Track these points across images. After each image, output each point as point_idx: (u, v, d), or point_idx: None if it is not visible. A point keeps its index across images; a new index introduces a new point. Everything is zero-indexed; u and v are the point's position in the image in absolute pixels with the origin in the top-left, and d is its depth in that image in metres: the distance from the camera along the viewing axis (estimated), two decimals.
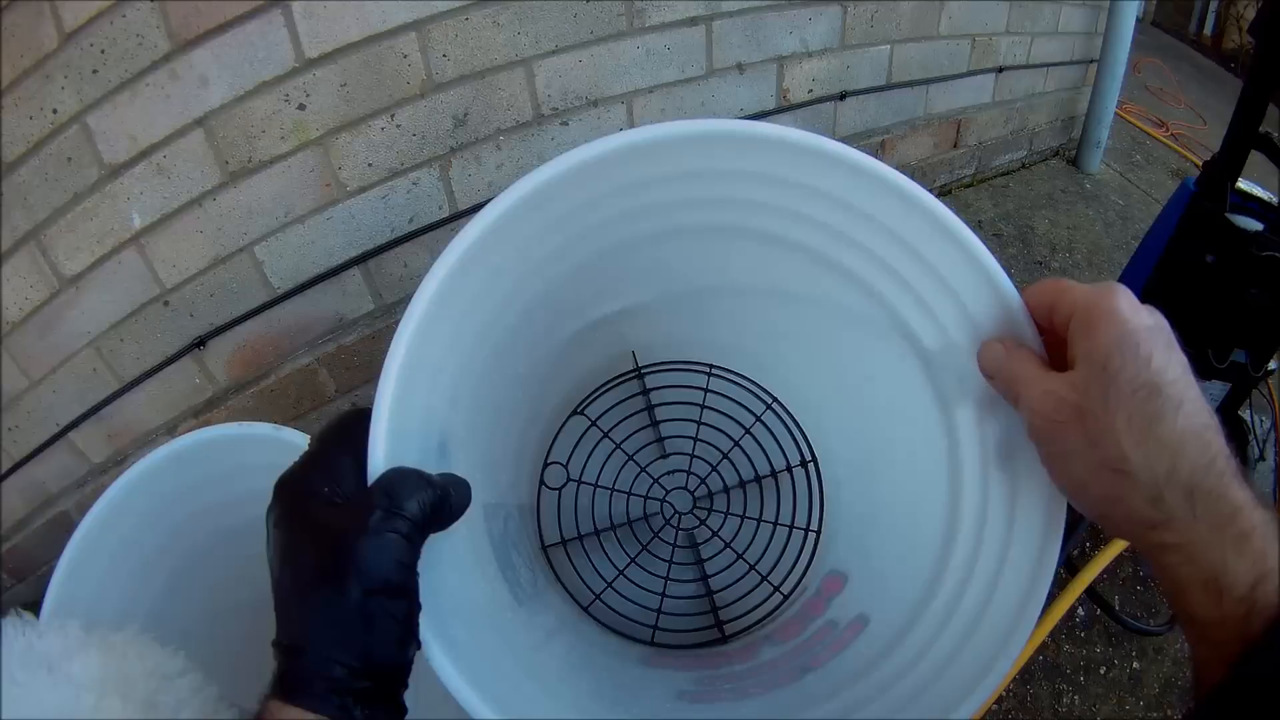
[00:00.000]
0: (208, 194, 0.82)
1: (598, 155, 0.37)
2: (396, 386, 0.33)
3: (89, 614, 0.53)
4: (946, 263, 0.38)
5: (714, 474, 0.59)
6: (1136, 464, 0.28)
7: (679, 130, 0.38)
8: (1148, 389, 0.28)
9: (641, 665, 0.52)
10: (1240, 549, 0.26)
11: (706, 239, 0.46)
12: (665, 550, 0.58)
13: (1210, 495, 0.27)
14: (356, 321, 0.99)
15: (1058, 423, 0.30)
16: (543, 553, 0.56)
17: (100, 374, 0.87)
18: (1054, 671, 0.97)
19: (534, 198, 0.37)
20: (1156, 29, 3.41)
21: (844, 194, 0.39)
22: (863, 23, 1.25)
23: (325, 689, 0.27)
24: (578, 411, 0.58)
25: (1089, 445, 0.29)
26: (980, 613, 0.38)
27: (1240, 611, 0.25)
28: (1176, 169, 2.01)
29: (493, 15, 0.89)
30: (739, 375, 0.59)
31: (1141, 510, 0.28)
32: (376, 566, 0.28)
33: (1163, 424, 0.27)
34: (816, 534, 0.57)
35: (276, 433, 0.57)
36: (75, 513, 0.95)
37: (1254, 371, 0.95)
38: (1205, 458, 0.27)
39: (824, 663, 0.44)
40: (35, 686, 0.39)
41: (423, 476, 0.31)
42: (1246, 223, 0.89)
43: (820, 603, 0.52)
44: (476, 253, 0.36)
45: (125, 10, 0.72)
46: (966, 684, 0.35)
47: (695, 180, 0.41)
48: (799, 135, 0.38)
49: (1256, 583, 0.25)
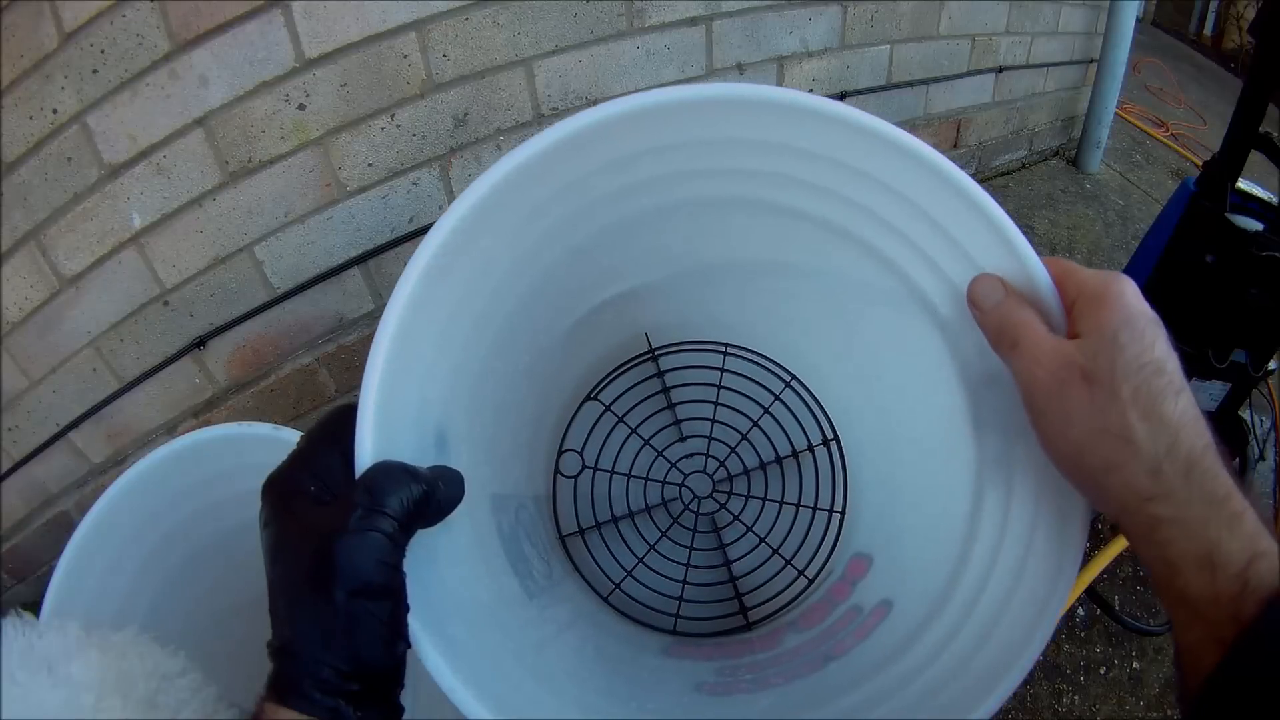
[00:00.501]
0: (208, 194, 0.82)
1: (579, 129, 0.35)
2: (382, 378, 0.32)
3: (89, 614, 0.53)
4: (954, 220, 0.36)
5: (733, 456, 0.58)
6: (1140, 434, 0.28)
7: (658, 99, 0.36)
8: (1154, 366, 0.29)
9: (661, 656, 0.51)
10: (1233, 528, 0.26)
11: (709, 212, 0.44)
12: (686, 536, 0.56)
13: (1207, 474, 0.27)
14: (357, 321, 0.99)
15: (1064, 381, 0.30)
16: (560, 543, 0.55)
17: (100, 374, 0.87)
18: (1054, 671, 0.97)
19: (516, 176, 0.35)
20: (1156, 29, 3.41)
21: (844, 155, 0.38)
22: (863, 23, 1.25)
23: (315, 691, 0.27)
24: (591, 397, 0.57)
25: (1094, 410, 0.29)
26: (1005, 602, 0.36)
27: (1234, 589, 0.25)
28: (1176, 169, 2.01)
29: (493, 15, 0.89)
30: (756, 353, 0.57)
31: (1140, 481, 0.28)
32: (356, 566, 0.27)
33: (1166, 402, 0.28)
34: (841, 515, 0.55)
35: (276, 433, 0.57)
36: (75, 513, 0.95)
37: (1254, 371, 0.95)
38: (1202, 441, 0.28)
39: (847, 650, 0.43)
40: (35, 686, 0.39)
41: (407, 471, 0.31)
42: (1246, 223, 0.89)
43: (845, 586, 0.51)
44: (461, 240, 0.35)
45: (125, 10, 0.72)
46: (988, 680, 0.34)
47: (685, 150, 0.39)
48: (793, 95, 0.36)
49: (1250, 561, 0.26)
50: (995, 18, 1.49)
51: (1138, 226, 1.71)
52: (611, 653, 0.48)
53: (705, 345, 0.58)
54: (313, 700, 0.27)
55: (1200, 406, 0.29)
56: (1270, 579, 0.25)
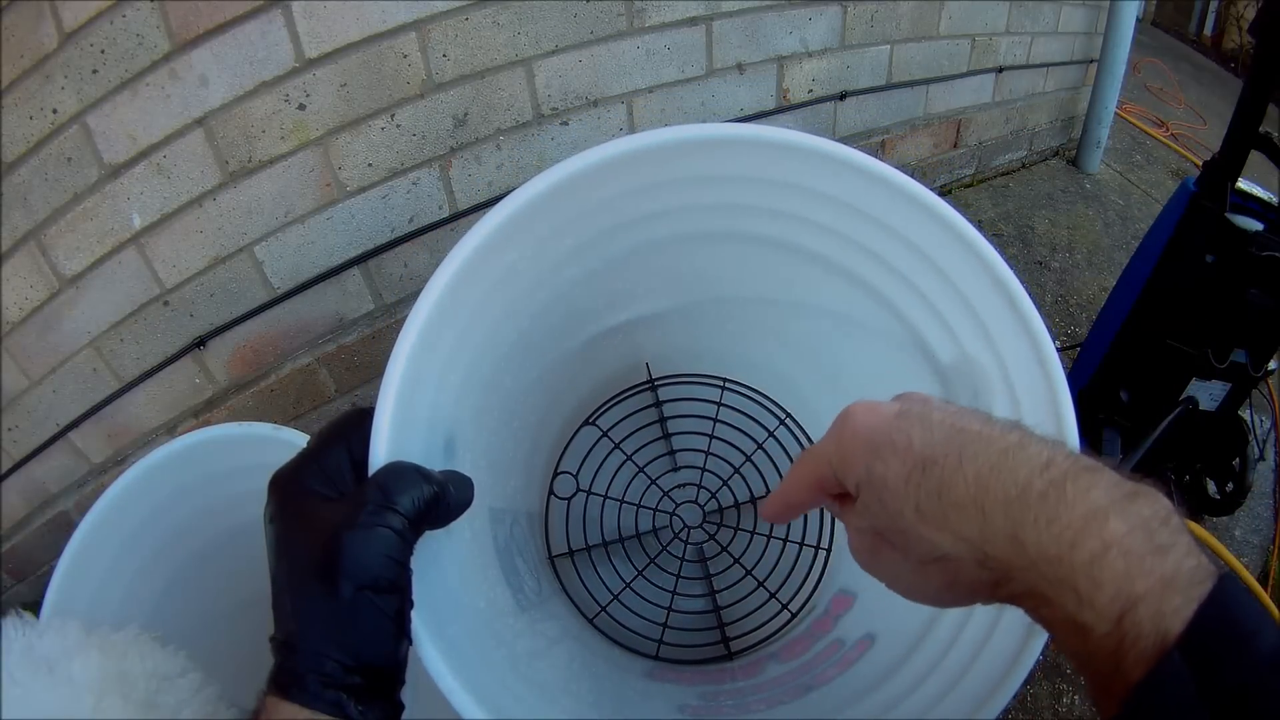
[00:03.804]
0: (208, 194, 0.82)
1: (613, 156, 0.37)
2: (402, 380, 0.33)
3: (89, 614, 0.53)
4: (964, 276, 0.37)
5: (725, 488, 0.59)
6: (947, 545, 0.25)
7: (688, 134, 0.37)
8: (918, 468, 0.26)
9: (645, 679, 0.51)
10: (1096, 577, 0.22)
11: (720, 246, 0.45)
12: (673, 564, 0.57)
13: (1038, 524, 0.23)
14: (357, 321, 0.99)
15: (872, 553, 0.30)
16: (549, 563, 0.56)
17: (100, 374, 0.87)
18: (1054, 671, 0.97)
19: (550, 196, 0.36)
20: (1156, 29, 3.41)
21: (860, 202, 0.39)
22: (863, 23, 1.25)
23: (318, 684, 0.27)
24: (589, 422, 0.58)
25: (902, 557, 0.28)
26: (988, 632, 0.37)
27: (1110, 646, 0.22)
28: (1176, 169, 2.01)
29: (493, 15, 0.89)
30: (753, 390, 0.59)
31: (977, 578, 0.25)
32: (365, 560, 0.28)
33: (951, 490, 0.25)
34: (827, 552, 0.56)
35: (276, 433, 0.57)
36: (75, 513, 0.95)
37: (1254, 371, 0.95)
38: (1015, 486, 0.24)
39: (829, 680, 0.44)
40: (35, 686, 0.39)
41: (419, 472, 0.31)
42: (1246, 223, 0.89)
43: (828, 621, 0.51)
44: (491, 247, 0.36)
45: (125, 10, 0.72)
46: (973, 703, 0.34)
47: (707, 185, 0.40)
48: (811, 140, 0.37)
49: (1122, 614, 0.22)
50: (995, 18, 1.49)
51: (1138, 226, 1.71)
52: (598, 671, 0.49)
53: (703, 379, 0.59)
54: (315, 693, 0.27)
55: (1200, 406, 0.28)
56: (1151, 629, 0.21)
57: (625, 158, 0.37)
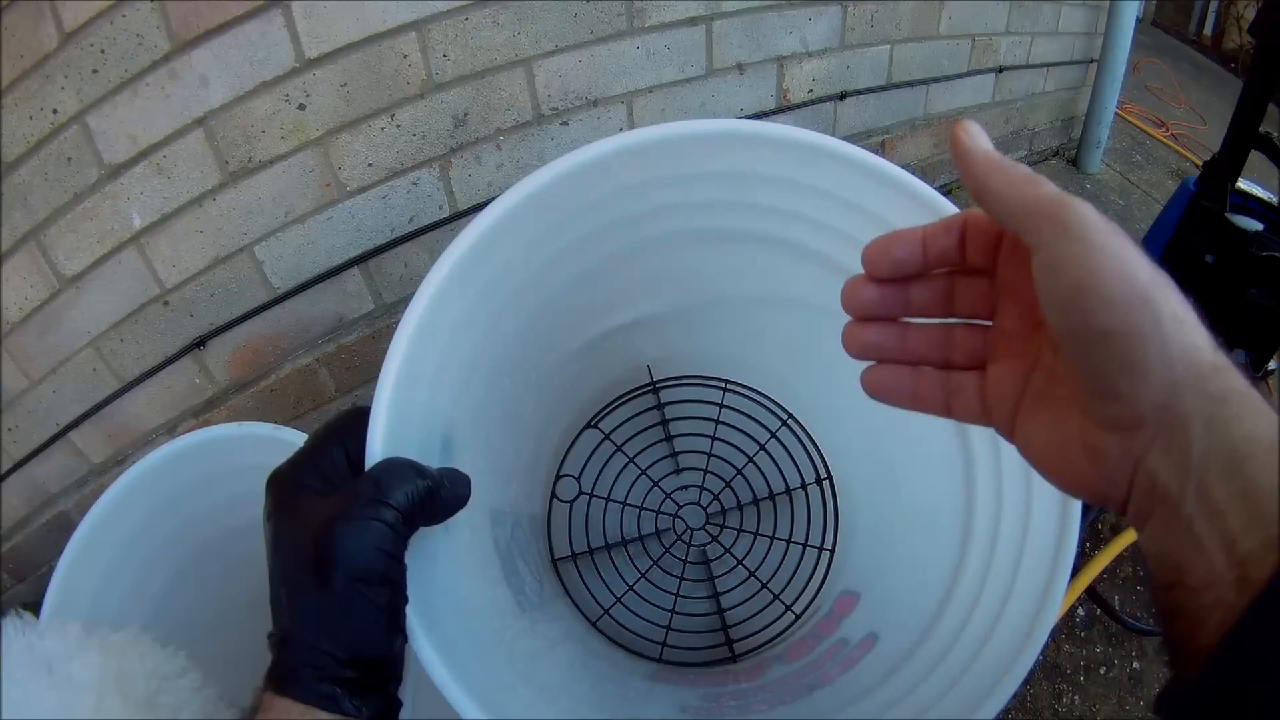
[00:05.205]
0: (208, 194, 0.82)
1: (600, 155, 0.37)
2: (398, 378, 0.33)
3: (89, 614, 0.53)
4: None
5: (727, 490, 0.59)
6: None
7: (677, 130, 0.37)
8: None
9: (648, 680, 0.51)
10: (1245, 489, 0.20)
11: (716, 245, 0.45)
12: (676, 566, 0.57)
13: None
14: (357, 321, 0.99)
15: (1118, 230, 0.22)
16: (552, 566, 0.56)
17: (100, 374, 0.87)
18: (1054, 671, 0.97)
19: (542, 194, 0.37)
20: (1156, 29, 3.41)
21: (858, 198, 0.39)
22: (863, 23, 1.25)
23: (311, 678, 0.27)
24: (591, 425, 0.58)
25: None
26: (989, 631, 0.37)
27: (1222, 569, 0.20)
28: (1176, 169, 2.01)
29: (493, 15, 0.89)
30: (755, 391, 0.59)
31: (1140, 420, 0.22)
32: (356, 552, 0.28)
33: None
34: (830, 553, 0.56)
35: (276, 433, 0.57)
36: (75, 513, 0.95)
37: (1254, 371, 0.95)
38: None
39: (833, 679, 0.44)
40: (35, 686, 0.39)
41: (414, 467, 0.31)
42: (1246, 223, 0.89)
43: (832, 622, 0.51)
44: (485, 245, 0.36)
45: (125, 10, 0.72)
46: (972, 702, 0.34)
47: (698, 183, 0.40)
48: (807, 136, 0.37)
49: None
50: (995, 18, 1.49)
51: (1138, 226, 1.71)
52: (600, 672, 0.49)
53: (705, 380, 0.59)
54: (309, 687, 0.27)
55: None
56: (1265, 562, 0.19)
57: (614, 155, 0.37)
